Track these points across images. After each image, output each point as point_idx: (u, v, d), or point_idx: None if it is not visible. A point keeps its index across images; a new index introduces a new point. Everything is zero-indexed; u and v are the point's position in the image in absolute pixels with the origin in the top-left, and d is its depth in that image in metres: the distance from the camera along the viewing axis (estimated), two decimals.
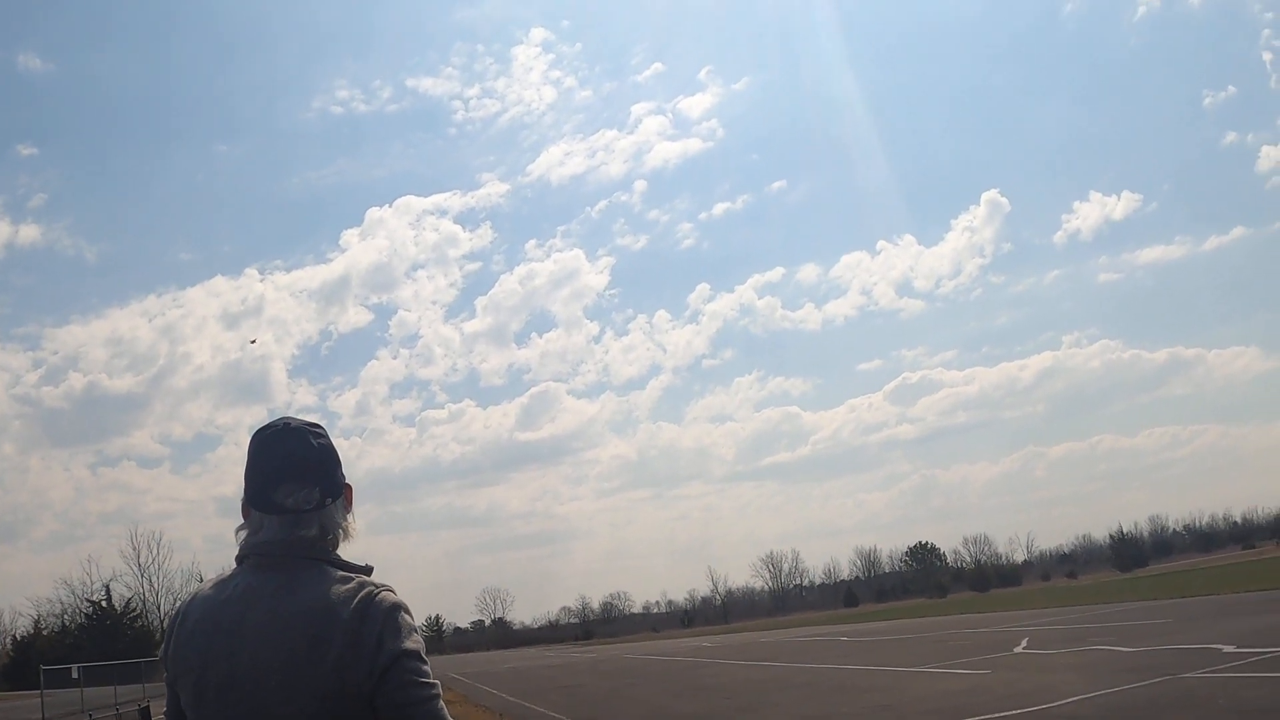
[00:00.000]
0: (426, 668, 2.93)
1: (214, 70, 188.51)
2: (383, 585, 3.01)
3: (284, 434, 3.08)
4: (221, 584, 3.02)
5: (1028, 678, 23.08)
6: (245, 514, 3.07)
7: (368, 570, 3.07)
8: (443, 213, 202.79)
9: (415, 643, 2.93)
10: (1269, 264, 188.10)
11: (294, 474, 3.01)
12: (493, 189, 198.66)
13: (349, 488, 3.17)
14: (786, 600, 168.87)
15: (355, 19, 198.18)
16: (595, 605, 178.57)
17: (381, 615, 2.90)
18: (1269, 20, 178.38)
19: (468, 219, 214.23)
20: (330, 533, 3.06)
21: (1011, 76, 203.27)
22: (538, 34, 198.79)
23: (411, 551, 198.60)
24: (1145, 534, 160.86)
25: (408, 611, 2.97)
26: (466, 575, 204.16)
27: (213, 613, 2.96)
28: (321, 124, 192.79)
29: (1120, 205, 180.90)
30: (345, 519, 3.13)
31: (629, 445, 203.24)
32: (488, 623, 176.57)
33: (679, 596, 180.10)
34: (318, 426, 3.15)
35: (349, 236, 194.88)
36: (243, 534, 3.06)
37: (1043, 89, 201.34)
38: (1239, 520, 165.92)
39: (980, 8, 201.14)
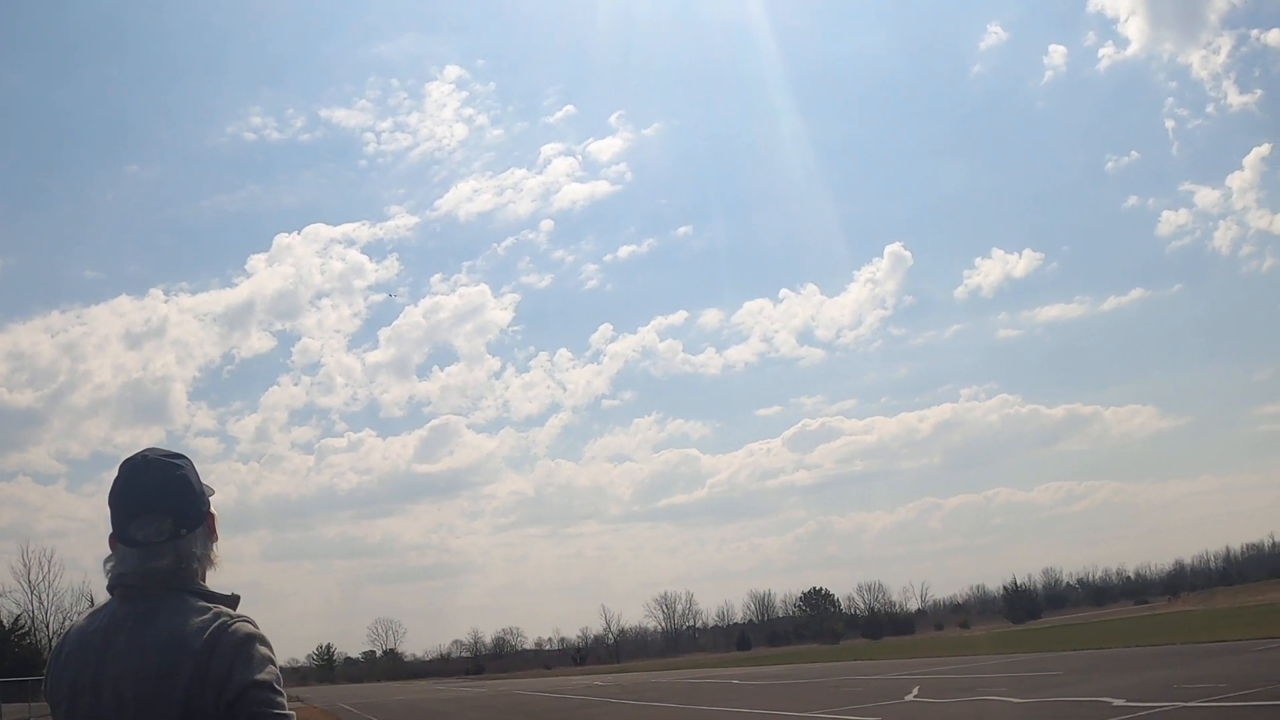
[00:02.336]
0: (279, 699, 2.92)
1: (128, 92, 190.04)
2: (239, 616, 3.00)
3: (138, 467, 3.11)
4: (94, 615, 3.07)
5: None
6: (111, 545, 3.10)
7: (233, 600, 3.08)
8: (350, 243, 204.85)
9: (268, 674, 2.91)
10: (1166, 326, 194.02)
11: (146, 507, 3.05)
12: (401, 221, 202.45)
13: (212, 516, 3.20)
14: (679, 641, 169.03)
15: (272, 48, 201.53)
16: (487, 640, 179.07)
17: (232, 646, 2.89)
18: (1173, 89, 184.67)
19: (375, 250, 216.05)
20: (186, 563, 3.07)
21: (919, 133, 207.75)
22: (452, 71, 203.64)
23: (305, 579, 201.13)
24: (1039, 586, 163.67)
25: (263, 643, 2.97)
26: (359, 605, 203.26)
27: (83, 643, 3.00)
28: (234, 149, 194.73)
29: (1022, 263, 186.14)
30: (206, 549, 3.15)
31: (526, 481, 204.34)
32: (379, 653, 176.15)
33: (572, 634, 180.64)
34: (178, 457, 3.19)
35: (256, 261, 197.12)
36: (109, 565, 3.10)
37: (950, 146, 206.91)
38: (1132, 575, 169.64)
39: (891, 65, 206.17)
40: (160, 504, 3.05)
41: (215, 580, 3.19)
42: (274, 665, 2.94)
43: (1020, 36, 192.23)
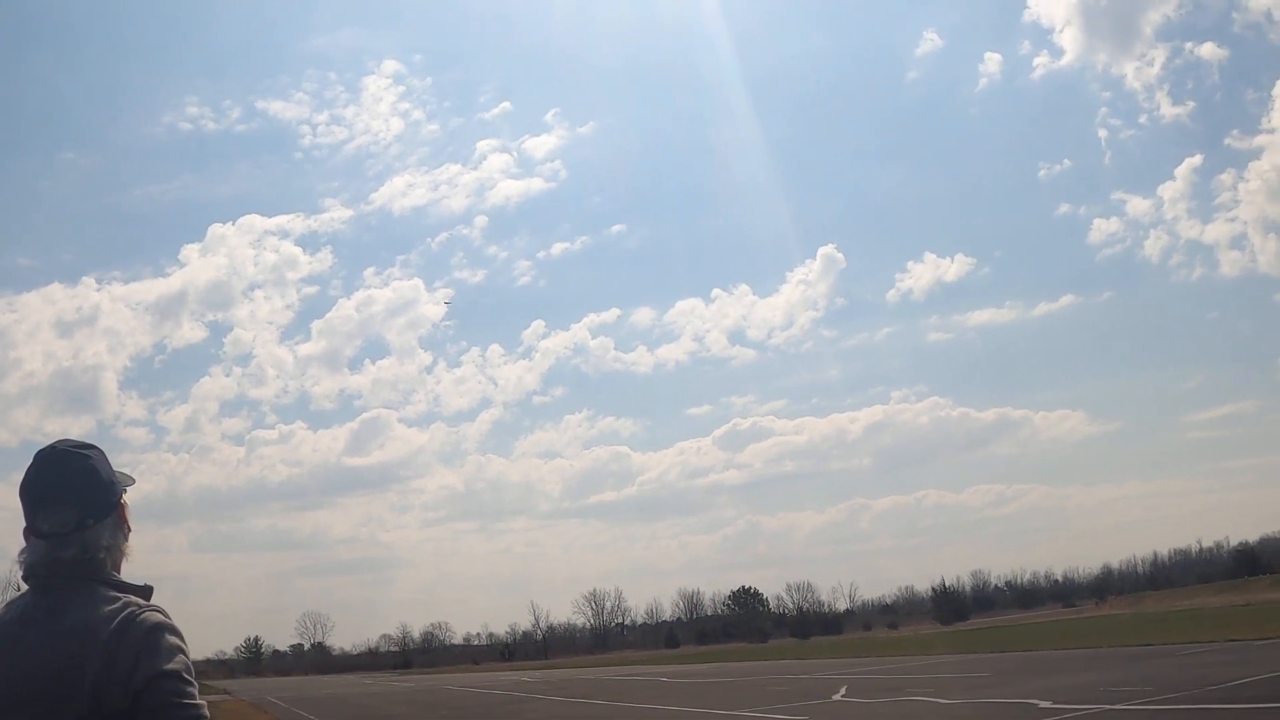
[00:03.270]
0: (190, 689, 2.88)
1: (65, 79, 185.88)
2: (149, 606, 2.98)
3: (47, 459, 3.13)
4: (9, 606, 3.06)
5: None
6: (25, 537, 3.09)
7: (145, 590, 3.06)
8: (284, 234, 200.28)
9: (177, 664, 2.88)
10: (1096, 332, 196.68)
11: (51, 498, 3.06)
12: (335, 214, 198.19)
13: (123, 507, 3.18)
14: (607, 638, 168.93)
15: (210, 39, 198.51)
16: (416, 634, 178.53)
17: (139, 636, 2.86)
18: (1107, 99, 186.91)
19: (309, 242, 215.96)
20: (92, 553, 3.05)
21: (854, 136, 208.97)
22: (390, 66, 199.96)
23: (234, 572, 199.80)
24: (967, 588, 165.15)
25: (173, 632, 2.93)
26: (288, 598, 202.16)
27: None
28: (170, 139, 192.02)
29: (954, 267, 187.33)
30: (115, 539, 3.13)
31: (456, 476, 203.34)
32: (307, 647, 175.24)
33: (500, 629, 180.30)
34: (86, 448, 3.18)
35: (189, 252, 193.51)
36: (22, 556, 3.08)
37: (884, 151, 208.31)
38: (1060, 579, 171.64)
39: (827, 69, 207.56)
40: (65, 495, 3.05)
41: (142, 570, 3.14)
42: (184, 655, 2.90)
43: (956, 44, 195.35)
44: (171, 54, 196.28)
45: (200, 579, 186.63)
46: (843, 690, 32.78)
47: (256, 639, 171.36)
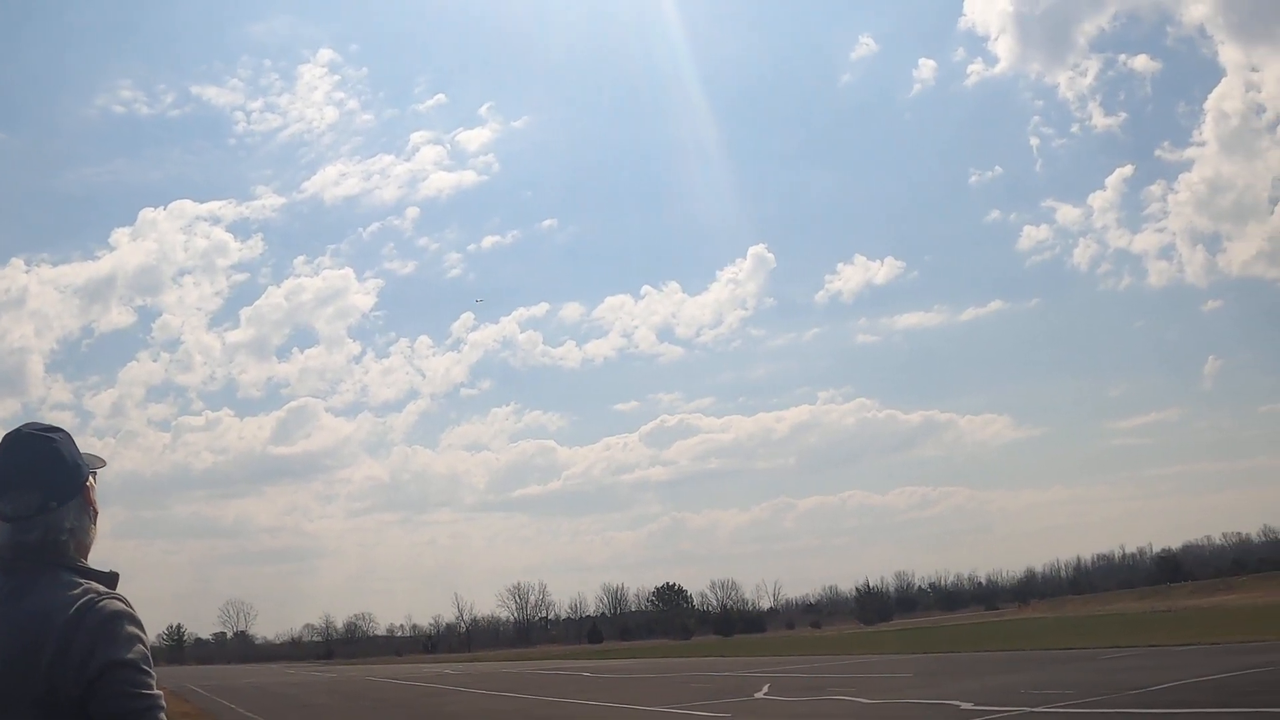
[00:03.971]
0: (146, 679, 2.88)
1: None
2: (110, 593, 2.97)
3: (11, 442, 3.12)
4: None
5: None
6: None
7: (110, 577, 3.06)
8: (216, 220, 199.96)
9: (135, 653, 2.87)
10: (1023, 339, 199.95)
11: (15, 481, 3.04)
12: (267, 201, 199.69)
13: (89, 489, 3.17)
14: (531, 632, 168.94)
15: (146, 23, 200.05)
16: (339, 625, 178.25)
17: (97, 623, 2.85)
18: (1039, 108, 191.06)
19: (240, 229, 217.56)
20: (55, 536, 3.05)
21: (787, 137, 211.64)
22: (325, 55, 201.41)
23: (158, 559, 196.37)
24: (891, 589, 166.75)
25: (132, 621, 2.93)
26: (211, 586, 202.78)
27: None
28: (103, 122, 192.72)
29: (883, 270, 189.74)
30: (80, 522, 3.12)
31: (382, 467, 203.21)
32: (230, 635, 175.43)
33: (423, 621, 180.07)
34: (52, 431, 3.19)
35: (119, 236, 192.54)
36: None
37: (817, 152, 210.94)
38: (983, 581, 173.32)
39: (763, 69, 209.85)
40: (29, 478, 3.04)
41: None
42: (143, 645, 2.90)
43: (891, 49, 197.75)
44: (106, 37, 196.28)
45: (123, 565, 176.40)
46: (765, 689, 32.99)
47: (179, 626, 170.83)
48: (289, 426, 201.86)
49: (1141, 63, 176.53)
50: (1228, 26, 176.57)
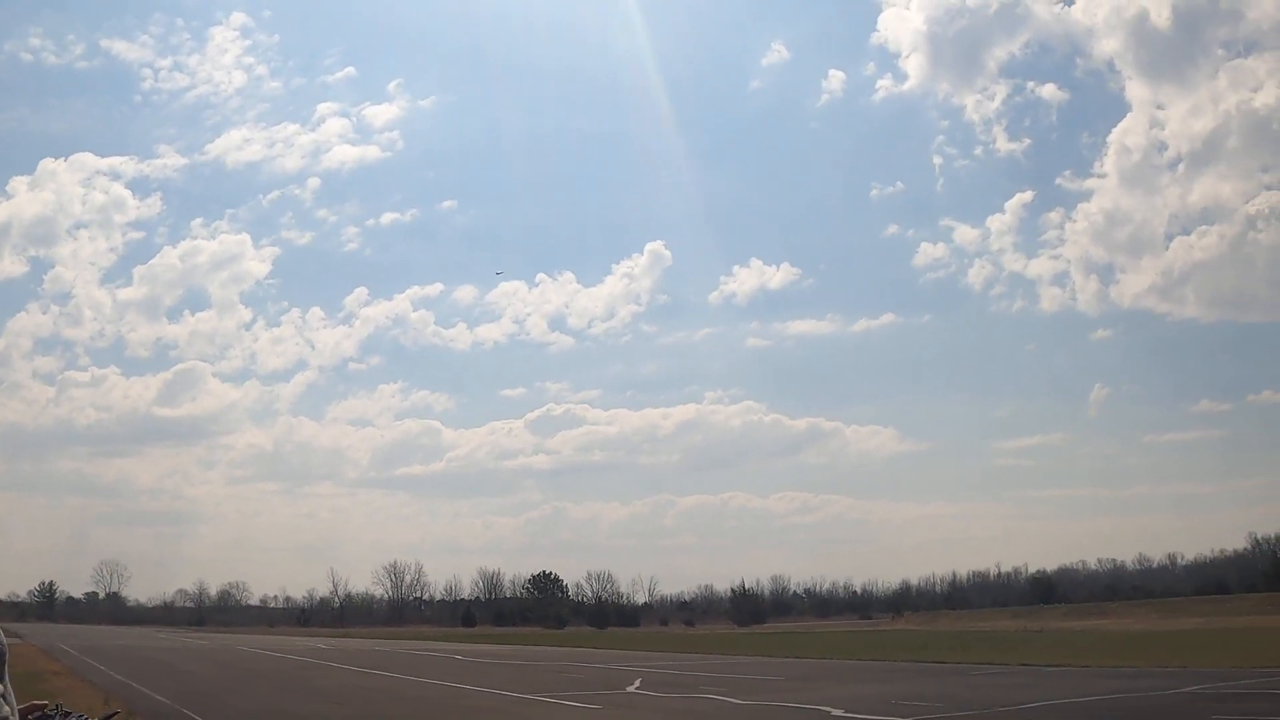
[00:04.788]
0: None
1: None
2: None
3: None
4: None
5: (637, 717, 23.50)
6: None
7: None
8: (116, 176, 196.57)
9: None
10: (914, 354, 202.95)
11: None
12: (169, 161, 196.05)
13: None
14: (404, 611, 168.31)
15: None
16: (213, 592, 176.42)
17: None
18: (944, 128, 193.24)
19: (139, 186, 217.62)
20: None
21: (693, 137, 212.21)
22: (238, 18, 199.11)
23: (34, 513, 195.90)
24: (766, 592, 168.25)
25: None
26: (86, 544, 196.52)
27: None
28: (9, 68, 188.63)
29: (779, 275, 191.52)
30: None
31: (266, 436, 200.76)
32: (102, 595, 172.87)
33: (298, 594, 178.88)
34: None
35: (17, 184, 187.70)
36: None
37: (721, 154, 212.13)
38: (858, 591, 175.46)
39: (673, 68, 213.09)
40: None
41: None
42: None
43: (802, 58, 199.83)
44: None
45: None
46: (637, 683, 33.04)
47: (51, 584, 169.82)
48: (175, 389, 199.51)
49: (1049, 91, 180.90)
50: (1137, 64, 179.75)
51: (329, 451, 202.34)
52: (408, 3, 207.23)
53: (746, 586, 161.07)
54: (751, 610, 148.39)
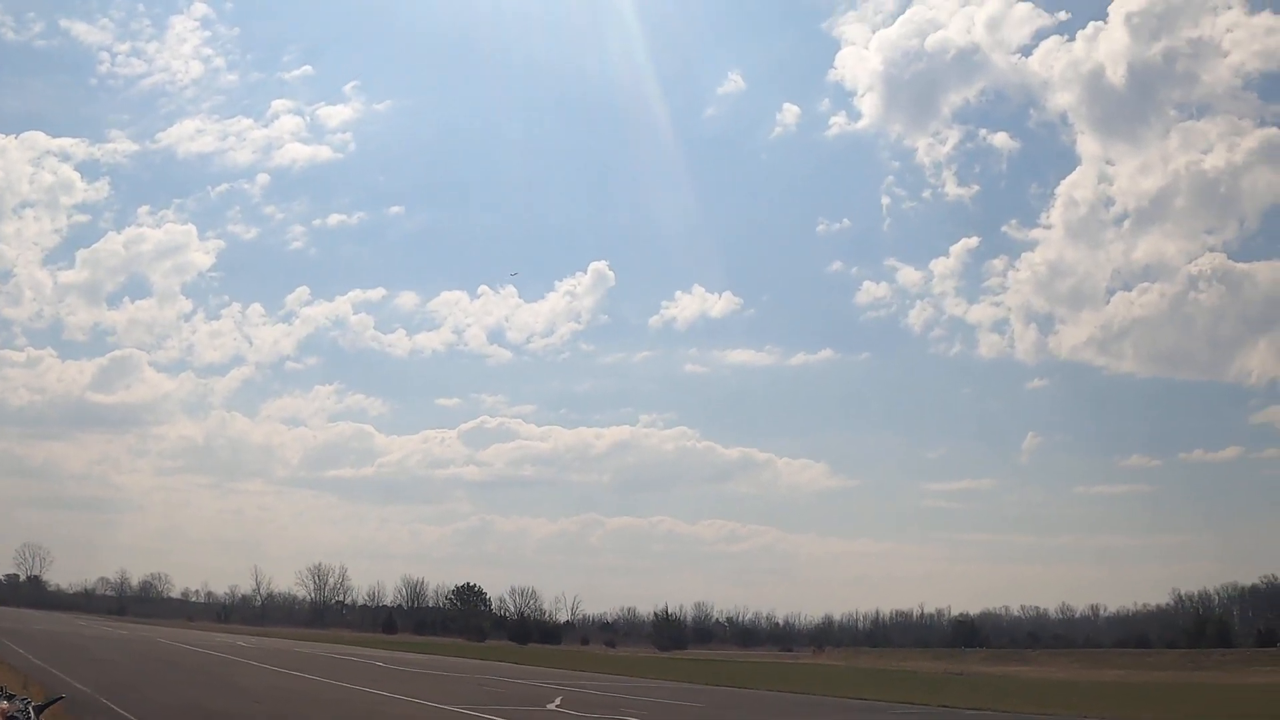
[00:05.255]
0: None
1: None
2: None
3: None
4: None
5: None
6: None
7: None
8: (65, 157, 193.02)
9: None
10: (850, 390, 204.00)
11: None
12: (120, 146, 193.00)
13: None
14: (326, 614, 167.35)
15: None
16: (135, 582, 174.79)
17: None
18: (895, 169, 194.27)
19: (88, 170, 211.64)
20: None
21: (645, 159, 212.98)
22: (199, 8, 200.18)
23: None
24: (689, 618, 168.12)
25: None
26: (10, 526, 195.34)
27: None
28: None
29: (720, 304, 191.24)
30: None
31: (199, 429, 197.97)
32: (23, 578, 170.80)
33: (220, 590, 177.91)
34: None
35: None
36: None
37: (672, 179, 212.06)
38: (781, 622, 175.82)
39: (630, 89, 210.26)
40: None
41: None
42: None
43: (758, 89, 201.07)
44: None
45: None
46: (558, 700, 33.14)
47: None
48: (110, 375, 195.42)
49: (1001, 140, 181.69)
50: (1090, 118, 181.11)
51: (260, 449, 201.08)
52: (369, 6, 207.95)
53: (670, 611, 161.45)
54: (673, 635, 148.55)
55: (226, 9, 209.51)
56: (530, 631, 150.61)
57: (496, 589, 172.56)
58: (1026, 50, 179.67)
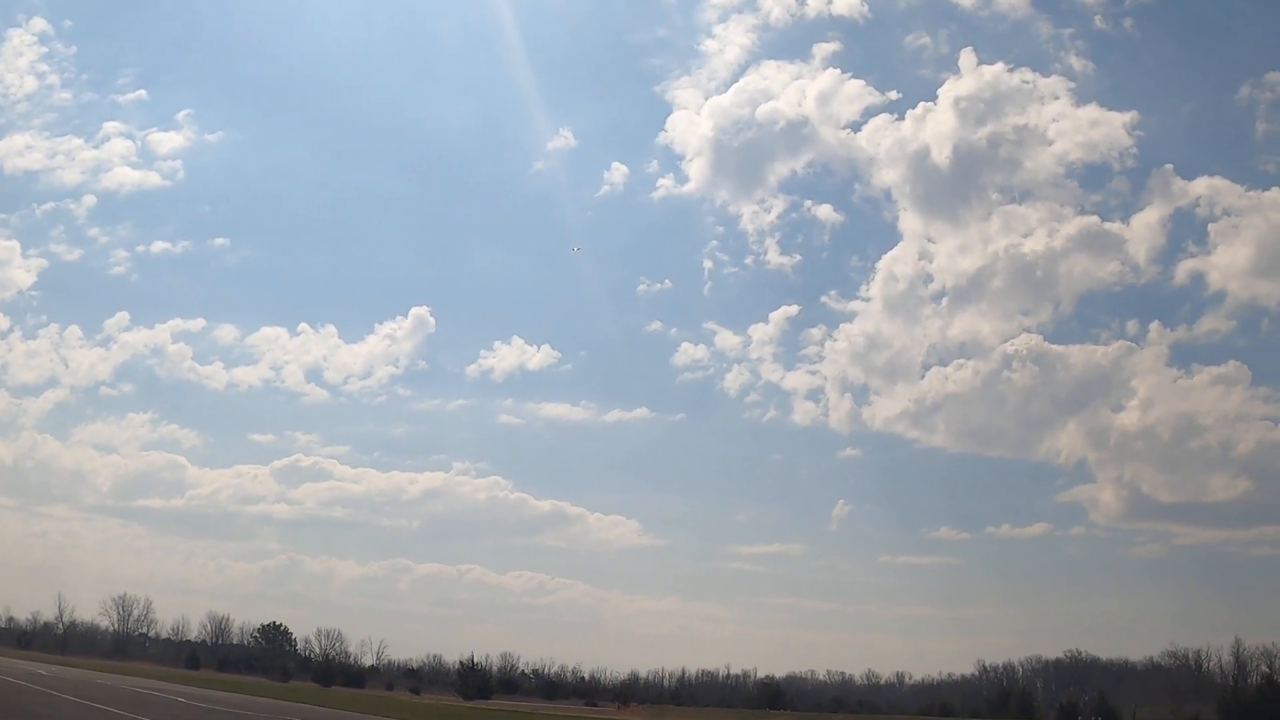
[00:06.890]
0: None
1: None
2: None
3: None
4: None
5: None
6: None
7: None
8: None
9: None
10: (664, 450, 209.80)
11: None
12: None
13: None
14: (128, 646, 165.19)
15: None
16: None
17: None
18: (719, 234, 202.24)
19: None
20: None
21: (471, 208, 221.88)
22: (38, 24, 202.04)
23: None
24: (494, 668, 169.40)
25: None
26: None
27: None
28: None
29: (538, 357, 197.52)
30: None
31: (7, 449, 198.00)
32: None
33: (21, 615, 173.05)
34: None
35: None
36: None
37: (497, 229, 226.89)
38: (586, 676, 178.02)
39: (460, 137, 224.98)
40: None
41: None
42: None
43: (588, 147, 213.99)
44: None
45: None
46: None
47: None
48: None
49: (825, 212, 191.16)
50: (913, 196, 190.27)
51: (70, 473, 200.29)
52: (208, 35, 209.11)
53: (475, 660, 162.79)
54: (479, 685, 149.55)
55: (65, 26, 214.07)
56: (335, 674, 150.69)
57: (302, 629, 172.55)
58: (856, 126, 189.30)
